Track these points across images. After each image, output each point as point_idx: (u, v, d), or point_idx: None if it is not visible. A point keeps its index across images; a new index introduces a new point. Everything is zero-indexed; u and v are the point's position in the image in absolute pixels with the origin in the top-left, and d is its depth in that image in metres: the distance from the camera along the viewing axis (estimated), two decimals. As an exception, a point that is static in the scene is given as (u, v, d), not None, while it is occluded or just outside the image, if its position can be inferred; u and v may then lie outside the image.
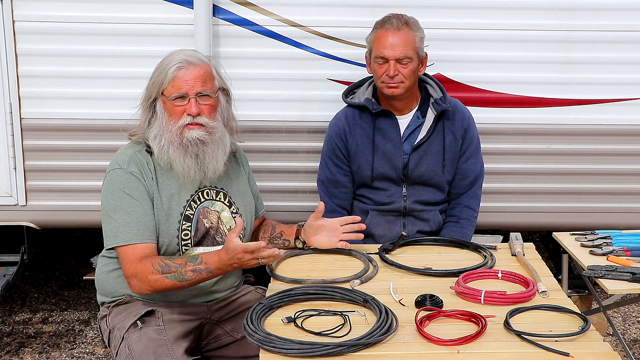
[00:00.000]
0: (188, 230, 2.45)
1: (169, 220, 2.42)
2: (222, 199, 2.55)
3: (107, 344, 2.50)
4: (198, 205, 2.48)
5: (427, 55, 2.95)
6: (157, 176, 2.44)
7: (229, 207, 2.56)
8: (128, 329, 2.36)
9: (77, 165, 3.37)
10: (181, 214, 2.44)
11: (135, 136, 2.50)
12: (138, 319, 2.37)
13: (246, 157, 2.77)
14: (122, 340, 2.36)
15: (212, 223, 2.50)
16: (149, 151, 2.45)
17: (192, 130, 2.40)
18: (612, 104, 3.38)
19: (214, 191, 2.54)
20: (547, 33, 3.30)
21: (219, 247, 2.47)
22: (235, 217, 2.55)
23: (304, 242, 2.66)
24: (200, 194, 2.50)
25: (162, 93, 2.42)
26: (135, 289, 2.35)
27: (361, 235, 2.66)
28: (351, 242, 2.88)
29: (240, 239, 2.27)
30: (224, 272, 2.35)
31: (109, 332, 2.45)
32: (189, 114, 2.39)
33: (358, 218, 2.65)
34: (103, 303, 2.56)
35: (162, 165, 2.44)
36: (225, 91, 2.54)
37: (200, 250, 2.46)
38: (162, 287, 2.31)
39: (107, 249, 2.44)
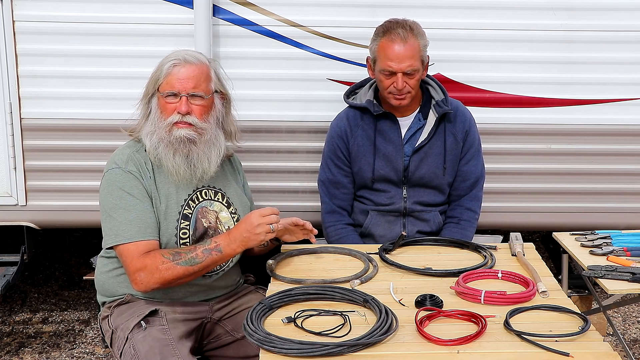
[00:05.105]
0: (186, 229, 2.44)
1: (167, 219, 2.42)
2: (221, 200, 2.55)
3: (109, 344, 2.49)
4: (196, 205, 2.48)
5: (429, 58, 2.93)
6: (155, 175, 2.44)
7: (228, 207, 2.55)
8: (132, 329, 2.35)
9: (77, 165, 3.37)
10: (179, 213, 2.44)
11: (135, 133, 2.50)
12: (142, 319, 2.36)
13: (241, 163, 2.77)
14: (126, 340, 2.35)
15: (210, 223, 2.49)
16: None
17: (180, 129, 2.41)
18: (612, 104, 3.38)
19: (212, 191, 2.54)
20: (547, 33, 3.30)
21: None
22: (234, 217, 2.55)
23: (277, 240, 2.63)
24: (198, 193, 2.50)
25: (157, 89, 2.43)
26: (142, 285, 2.32)
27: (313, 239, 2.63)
28: (351, 242, 2.90)
29: None
30: (233, 251, 2.35)
31: (112, 333, 2.44)
32: (178, 112, 2.40)
33: (308, 224, 2.59)
34: (104, 303, 2.55)
35: (154, 162, 2.44)
36: (223, 94, 2.54)
37: None
38: (173, 276, 2.30)
39: (106, 249, 2.44)
